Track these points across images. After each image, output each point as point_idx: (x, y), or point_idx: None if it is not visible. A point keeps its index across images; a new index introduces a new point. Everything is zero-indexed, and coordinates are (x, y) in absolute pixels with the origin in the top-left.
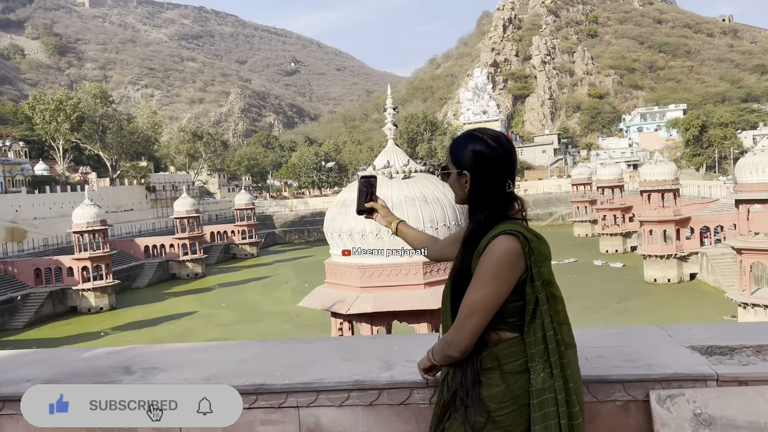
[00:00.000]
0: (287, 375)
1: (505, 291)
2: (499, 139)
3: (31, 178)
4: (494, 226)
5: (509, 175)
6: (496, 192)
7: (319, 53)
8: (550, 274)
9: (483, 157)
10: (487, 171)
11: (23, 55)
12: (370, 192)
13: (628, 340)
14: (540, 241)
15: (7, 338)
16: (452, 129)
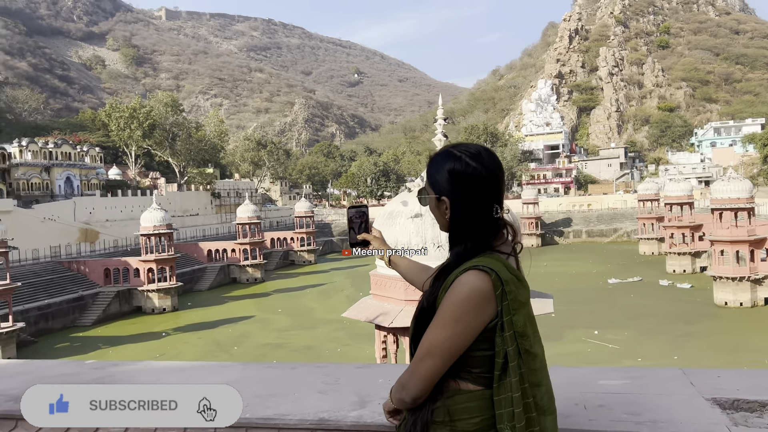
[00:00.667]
0: (252, 407)
1: (467, 336)
2: (480, 156)
3: (105, 182)
4: (471, 259)
5: (495, 198)
6: (481, 219)
7: (382, 64)
8: (525, 326)
9: (462, 178)
10: (468, 195)
11: (104, 65)
12: (363, 221)
13: (640, 387)
14: (519, 283)
15: (76, 334)
16: (514, 140)
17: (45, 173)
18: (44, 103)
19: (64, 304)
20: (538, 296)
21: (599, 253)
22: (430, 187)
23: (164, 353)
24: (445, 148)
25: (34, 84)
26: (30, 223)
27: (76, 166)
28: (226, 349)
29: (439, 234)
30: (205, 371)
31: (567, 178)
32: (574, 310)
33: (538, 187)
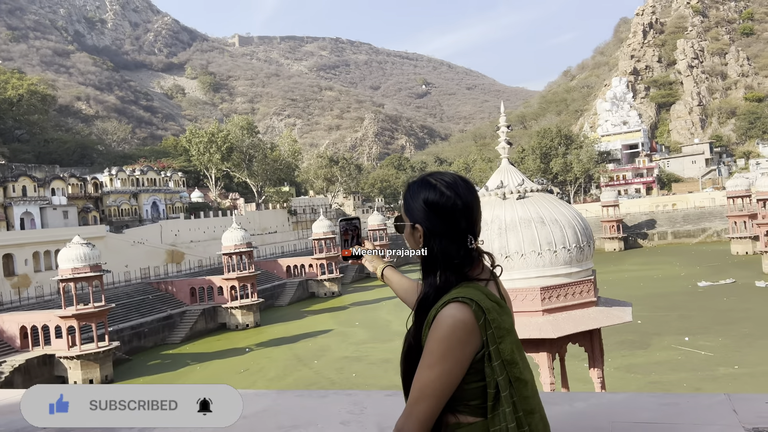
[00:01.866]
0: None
1: (457, 372)
2: (456, 186)
3: (188, 205)
4: (449, 291)
5: (470, 228)
6: (454, 250)
7: (450, 74)
8: (512, 353)
9: (436, 208)
10: (442, 225)
11: (183, 93)
12: (356, 235)
13: (675, 415)
14: (501, 310)
15: (166, 351)
16: (589, 141)
17: (133, 199)
18: (131, 133)
19: (155, 322)
20: (615, 304)
21: (687, 255)
22: (405, 215)
23: (248, 368)
24: (422, 176)
25: (122, 115)
26: (121, 247)
27: (161, 191)
28: (307, 363)
29: (506, 244)
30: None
31: (648, 178)
32: (661, 316)
33: (617, 188)
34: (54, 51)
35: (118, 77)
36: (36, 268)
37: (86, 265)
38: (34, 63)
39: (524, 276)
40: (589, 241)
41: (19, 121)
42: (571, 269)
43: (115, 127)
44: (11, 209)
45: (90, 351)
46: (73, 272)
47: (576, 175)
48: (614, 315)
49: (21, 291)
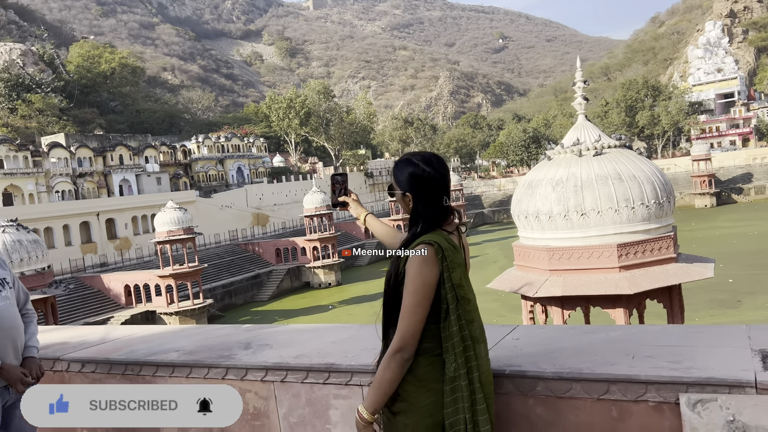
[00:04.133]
0: (357, 357)
1: (428, 290)
2: (432, 162)
3: (271, 170)
4: (423, 236)
5: (444, 191)
6: (433, 208)
7: (528, 26)
8: (460, 279)
9: (419, 179)
10: (424, 191)
11: (262, 60)
12: (344, 187)
13: (695, 340)
14: (455, 251)
15: (255, 309)
16: (679, 92)
17: (219, 165)
18: (214, 101)
19: (244, 281)
20: (696, 260)
21: None
22: (397, 185)
23: None
24: (405, 156)
25: (205, 84)
26: (210, 211)
27: (245, 156)
28: None
29: (582, 202)
30: (328, 331)
31: (745, 129)
32: (756, 274)
33: (710, 141)
34: (140, 24)
35: (200, 47)
36: (135, 231)
37: (180, 228)
38: (123, 36)
39: (601, 233)
40: (669, 197)
41: (113, 94)
42: (650, 225)
43: (199, 96)
44: (111, 177)
45: (186, 308)
46: (168, 235)
47: (664, 128)
48: (694, 271)
49: (123, 252)
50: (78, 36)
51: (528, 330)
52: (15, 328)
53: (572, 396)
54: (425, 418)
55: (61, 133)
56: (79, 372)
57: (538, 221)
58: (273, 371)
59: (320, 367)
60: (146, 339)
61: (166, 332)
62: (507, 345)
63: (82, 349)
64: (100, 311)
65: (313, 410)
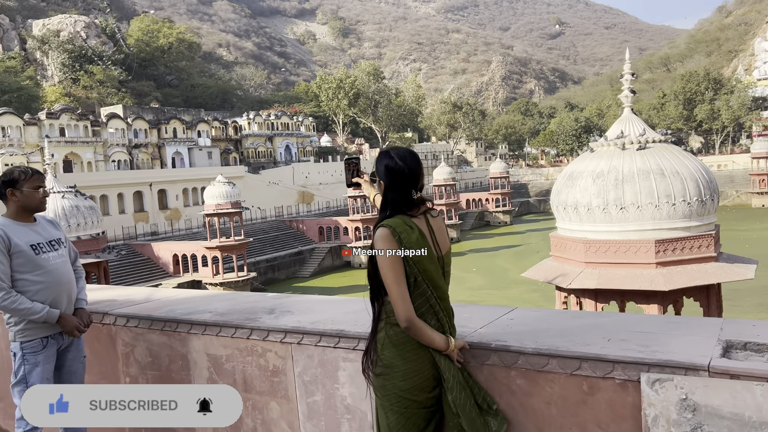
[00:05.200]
0: (364, 326)
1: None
2: (405, 158)
3: (318, 149)
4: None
5: (413, 184)
6: (401, 198)
7: (587, 12)
8: (417, 256)
9: (391, 171)
10: (394, 182)
11: (315, 39)
12: (357, 169)
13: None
14: (411, 230)
15: (297, 284)
16: (742, 86)
17: (268, 142)
18: (266, 79)
19: (287, 257)
20: (738, 261)
21: None
22: (376, 173)
23: None
24: (385, 149)
25: (258, 61)
26: (258, 187)
27: (294, 135)
28: None
29: (622, 196)
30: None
31: None
32: None
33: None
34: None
35: (255, 24)
36: (185, 203)
37: (228, 202)
38: (182, 12)
39: (639, 228)
40: (713, 195)
41: (169, 68)
42: (690, 223)
43: (252, 73)
44: (164, 149)
45: (231, 279)
46: (216, 208)
47: (724, 123)
48: (734, 271)
49: (173, 223)
50: (139, 10)
51: (523, 312)
52: (69, 282)
53: (549, 370)
54: (399, 381)
55: (119, 105)
56: (125, 326)
57: (577, 213)
58: (291, 334)
59: (332, 333)
60: (185, 300)
61: (202, 296)
62: (500, 324)
63: (128, 306)
64: (149, 278)
65: (324, 371)
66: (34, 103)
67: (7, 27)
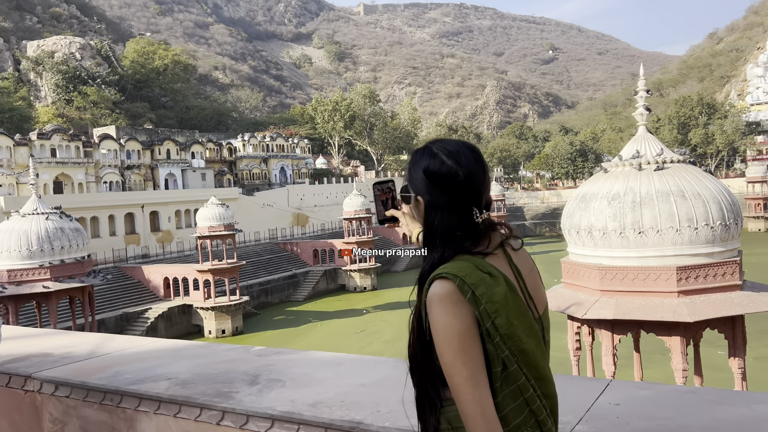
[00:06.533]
0: (393, 414)
1: (468, 344)
2: (459, 154)
3: (313, 171)
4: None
5: (475, 200)
6: (456, 223)
7: (579, 38)
8: (509, 326)
9: (436, 178)
10: (443, 196)
11: (311, 63)
12: (391, 197)
13: None
14: (494, 280)
15: (290, 308)
16: (735, 111)
17: (263, 164)
18: (262, 101)
19: (281, 280)
20: (764, 289)
21: None
22: (409, 185)
23: (365, 329)
24: (426, 144)
25: (254, 84)
26: (252, 209)
27: (289, 157)
28: None
29: (640, 219)
30: (356, 367)
31: None
32: None
33: (766, 163)
34: (195, 23)
35: (251, 47)
36: (178, 225)
37: (221, 224)
38: (178, 35)
39: (659, 254)
40: (737, 219)
41: (164, 89)
42: (714, 249)
43: (248, 96)
44: (157, 170)
45: (223, 303)
46: (209, 230)
47: (718, 147)
48: (762, 301)
49: (165, 245)
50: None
51: (627, 390)
52: None
53: None
54: None
55: (112, 126)
56: (53, 395)
57: (591, 237)
58: (281, 423)
59: (343, 425)
60: (140, 357)
61: (165, 349)
62: (604, 414)
63: (63, 364)
64: (138, 302)
65: None
66: (26, 123)
67: (2, 48)
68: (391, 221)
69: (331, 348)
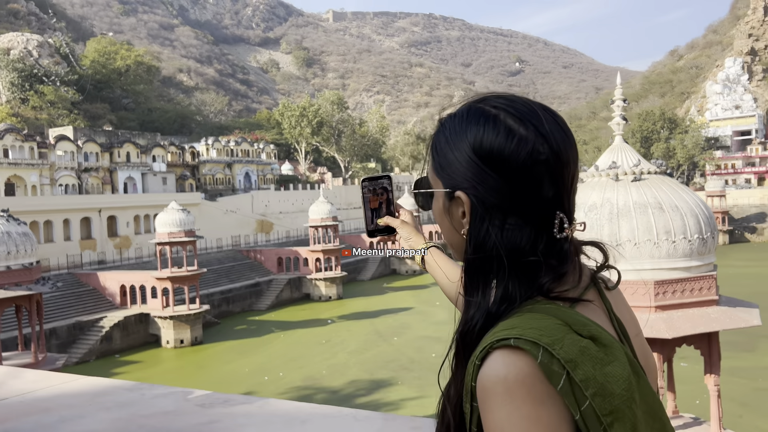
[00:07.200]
0: None
1: None
2: (537, 119)
3: (279, 177)
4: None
5: (559, 200)
6: (528, 239)
7: (545, 51)
8: (633, 418)
9: (497, 160)
10: (506, 191)
11: (278, 68)
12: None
13: None
14: (606, 353)
15: (253, 318)
16: (695, 126)
17: (227, 169)
18: (227, 105)
19: (243, 289)
20: (739, 304)
21: None
22: (436, 174)
23: (329, 339)
24: (469, 102)
25: (219, 88)
26: (214, 215)
27: (254, 162)
28: (387, 338)
29: (617, 231)
30: (334, 423)
31: (761, 168)
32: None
33: (725, 177)
34: (160, 25)
35: (218, 51)
36: (136, 231)
37: (181, 230)
38: (142, 36)
39: (636, 267)
40: (713, 232)
41: (126, 91)
42: (691, 263)
43: (213, 99)
44: (116, 173)
45: (182, 312)
46: (169, 236)
47: (679, 161)
48: (738, 317)
49: (122, 251)
50: (97, 32)
51: None
52: None
53: None
54: None
55: (69, 126)
56: None
57: None
58: None
59: None
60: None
61: (81, 394)
62: None
63: None
64: (93, 310)
65: None
66: None
67: None
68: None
69: (294, 359)
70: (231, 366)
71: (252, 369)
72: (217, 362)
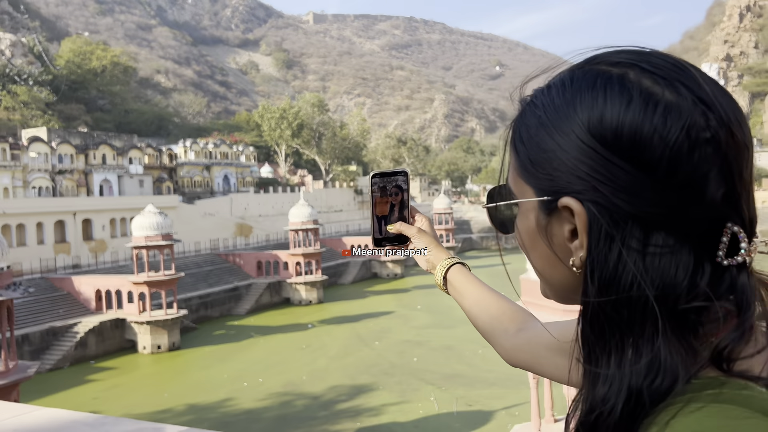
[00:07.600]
0: None
1: None
2: (687, 75)
3: (258, 180)
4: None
5: (732, 203)
6: (683, 270)
7: (525, 55)
8: None
9: (635, 144)
10: (654, 195)
11: (258, 70)
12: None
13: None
14: None
15: (232, 323)
16: None
17: (205, 171)
18: (206, 107)
19: (222, 293)
20: None
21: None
22: (522, 177)
23: (310, 344)
24: (587, 59)
25: (198, 89)
26: (192, 218)
27: (233, 164)
28: (368, 343)
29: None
30: None
31: None
32: None
33: None
34: (137, 25)
35: (196, 52)
36: (112, 234)
37: (158, 234)
38: (119, 36)
39: None
40: None
41: (101, 92)
42: None
43: (191, 100)
44: (91, 176)
45: (159, 317)
46: (146, 240)
47: None
48: None
49: (98, 255)
50: (72, 32)
51: None
52: None
53: None
54: None
55: (43, 127)
56: None
57: None
58: None
59: None
60: None
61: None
62: None
63: None
64: (67, 315)
65: None
66: None
67: None
68: (396, 242)
69: (274, 364)
70: (209, 372)
71: (231, 375)
72: (195, 368)
